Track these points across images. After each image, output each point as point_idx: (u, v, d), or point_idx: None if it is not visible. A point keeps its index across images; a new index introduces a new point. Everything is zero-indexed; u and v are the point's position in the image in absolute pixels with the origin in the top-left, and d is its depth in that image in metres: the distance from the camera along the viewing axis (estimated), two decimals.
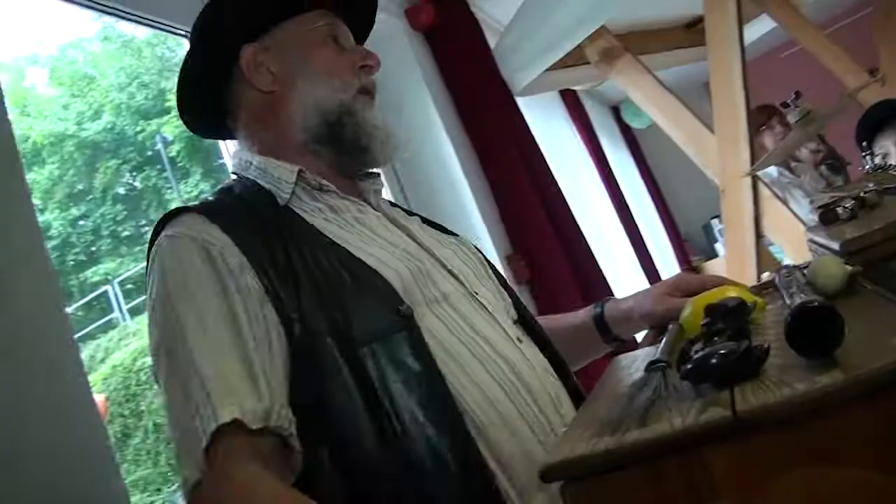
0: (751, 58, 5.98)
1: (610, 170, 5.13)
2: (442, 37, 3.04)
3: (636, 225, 5.04)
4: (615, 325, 1.32)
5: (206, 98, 1.23)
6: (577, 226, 3.20)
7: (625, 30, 3.50)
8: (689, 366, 0.66)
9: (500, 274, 1.30)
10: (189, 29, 1.22)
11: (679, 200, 7.15)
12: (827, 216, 1.17)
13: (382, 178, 1.30)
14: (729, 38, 2.71)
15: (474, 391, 1.00)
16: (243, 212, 1.09)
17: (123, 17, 1.98)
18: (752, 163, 2.79)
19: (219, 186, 1.27)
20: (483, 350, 1.04)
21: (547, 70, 3.35)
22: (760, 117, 3.91)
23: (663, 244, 6.27)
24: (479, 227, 2.95)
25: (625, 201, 5.08)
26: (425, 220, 1.32)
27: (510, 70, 3.30)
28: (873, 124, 2.19)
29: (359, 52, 1.24)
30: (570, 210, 3.19)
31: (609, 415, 0.70)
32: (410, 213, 1.33)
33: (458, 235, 1.32)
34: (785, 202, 2.75)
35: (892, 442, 0.54)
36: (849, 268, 0.84)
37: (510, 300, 1.24)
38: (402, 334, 1.00)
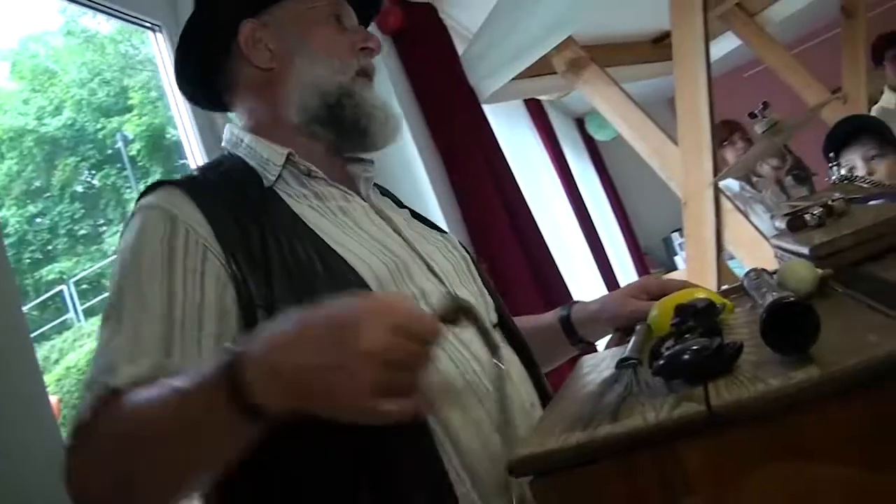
0: (715, 75, 6.08)
1: (573, 180, 5.16)
2: (410, 41, 3.03)
3: (597, 235, 5.07)
4: (581, 327, 1.32)
5: (204, 71, 1.21)
6: (540, 233, 3.21)
7: (592, 42, 3.52)
8: (661, 361, 0.66)
9: (484, 275, 1.28)
10: (155, 21, 1.19)
11: (640, 213, 7.21)
12: (794, 223, 1.18)
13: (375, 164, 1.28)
14: (695, 52, 2.74)
15: (449, 398, 0.98)
16: (225, 191, 1.06)
17: (90, 7, 1.94)
18: (715, 176, 2.81)
19: (208, 161, 1.25)
20: (458, 353, 1.02)
21: (514, 78, 3.35)
22: (723, 132, 3.96)
23: (623, 255, 6.31)
24: None
25: (587, 212, 5.10)
26: (414, 214, 1.30)
27: (477, 77, 3.30)
28: (841, 138, 2.23)
29: (360, 34, 1.22)
30: (532, 217, 3.20)
31: (579, 411, 0.69)
32: (401, 205, 1.32)
33: (445, 232, 1.30)
34: (746, 216, 2.77)
35: (866, 439, 0.54)
36: (819, 271, 0.85)
37: (492, 302, 1.22)
38: None
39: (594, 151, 7.00)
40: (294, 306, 0.92)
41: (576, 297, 3.16)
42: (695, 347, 0.65)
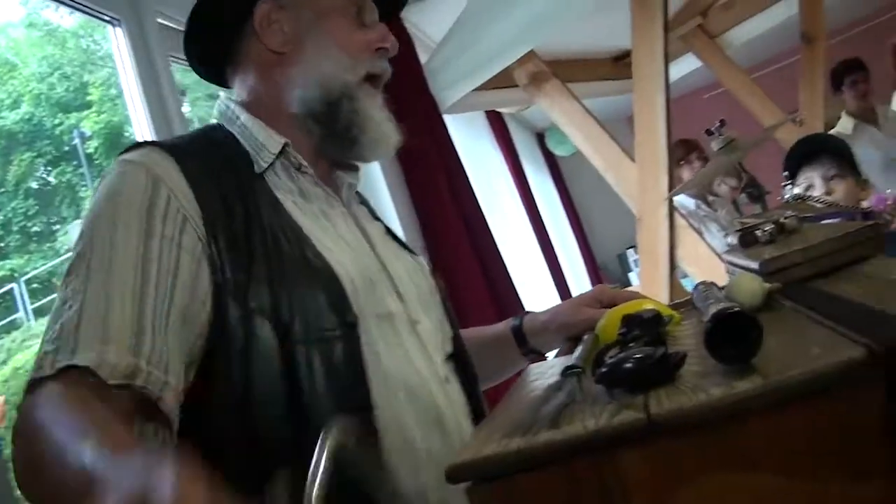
0: (676, 95, 6.16)
1: (531, 194, 5.18)
2: None
3: (554, 250, 5.09)
4: (533, 337, 1.31)
5: (215, 44, 1.16)
6: (496, 246, 3.21)
7: (554, 57, 3.54)
8: (603, 370, 0.65)
9: (447, 303, 1.26)
10: (115, 15, 1.15)
11: (597, 229, 7.26)
12: (746, 239, 1.19)
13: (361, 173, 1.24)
14: (654, 71, 2.77)
15: (393, 425, 0.96)
16: (214, 165, 1.03)
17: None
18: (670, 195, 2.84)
19: (200, 128, 1.20)
20: (413, 384, 1.01)
21: (475, 90, 3.36)
22: (680, 152, 4.01)
23: (580, 270, 6.35)
24: None
25: (544, 226, 5.12)
26: (388, 230, 1.27)
27: (439, 87, 3.30)
28: (801, 156, 2.26)
29: (378, 32, 1.16)
30: (489, 230, 3.20)
31: (520, 418, 0.68)
32: (375, 217, 1.28)
33: (415, 254, 1.27)
34: (700, 233, 2.80)
35: (806, 449, 0.54)
36: (767, 285, 0.85)
37: (451, 332, 1.20)
38: (343, 342, 0.96)
39: (554, 166, 7.04)
40: (268, 300, 0.93)
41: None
42: (637, 356, 0.64)
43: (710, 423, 0.55)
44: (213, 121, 1.17)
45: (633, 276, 6.74)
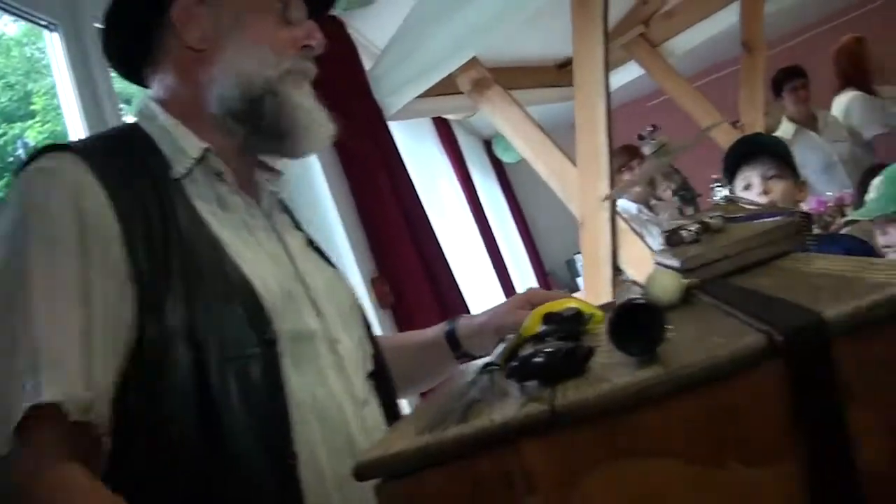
0: (620, 103, 6.25)
1: (479, 201, 5.19)
2: (317, 56, 3.00)
3: (501, 256, 5.10)
4: (466, 340, 1.30)
5: (133, 40, 1.10)
6: (443, 253, 3.21)
7: (497, 64, 3.54)
8: (513, 364, 0.65)
9: (366, 318, 1.23)
10: (53, 20, 1.11)
11: (545, 235, 7.30)
12: (672, 238, 1.20)
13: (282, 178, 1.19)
14: (595, 77, 2.79)
15: (305, 449, 0.93)
16: (131, 169, 0.97)
17: None
18: (612, 199, 2.87)
19: (115, 127, 1.16)
20: (325, 407, 0.98)
21: (419, 97, 3.36)
22: (622, 158, 4.06)
23: (529, 277, 6.38)
24: (344, 248, 2.92)
25: (491, 233, 5.14)
26: (311, 241, 1.23)
27: (383, 94, 3.30)
28: (741, 155, 2.28)
29: (304, 29, 1.12)
30: (435, 237, 3.21)
31: (432, 414, 0.67)
32: (299, 227, 1.24)
33: (336, 268, 1.23)
34: (642, 237, 2.83)
35: (707, 436, 0.54)
36: (683, 281, 0.86)
37: (371, 350, 1.17)
38: (261, 362, 0.92)
39: (502, 173, 7.08)
40: (184, 317, 0.89)
41: None
42: (547, 351, 0.65)
43: (612, 413, 0.55)
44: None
45: (580, 282, 6.79)
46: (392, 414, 1.12)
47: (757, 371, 0.53)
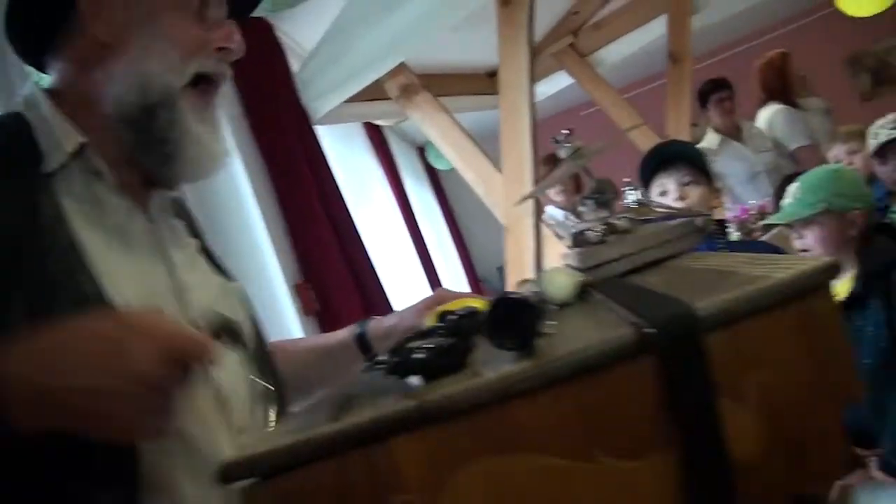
0: (552, 112, 6.30)
1: (410, 208, 5.18)
2: (242, 57, 2.95)
3: (433, 263, 5.09)
4: (377, 343, 1.28)
5: (36, 25, 1.01)
6: (370, 260, 3.19)
7: (426, 70, 3.54)
8: (393, 360, 0.64)
9: (262, 335, 1.14)
10: None
11: (478, 242, 7.31)
12: (578, 239, 1.20)
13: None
14: (520, 85, 2.81)
15: (161, 481, 0.86)
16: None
17: None
18: (538, 204, 2.88)
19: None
20: (192, 435, 0.89)
21: (348, 101, 3.34)
22: (549, 166, 4.08)
23: (461, 283, 6.38)
24: (268, 254, 2.88)
25: (423, 240, 5.13)
26: (205, 249, 1.14)
27: (310, 97, 3.27)
28: (657, 161, 2.31)
29: (222, 30, 1.03)
30: (363, 243, 3.18)
31: (308, 414, 0.66)
32: (195, 233, 1.15)
33: (230, 280, 1.14)
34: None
35: (578, 430, 0.54)
36: (578, 279, 0.86)
37: (262, 367, 1.08)
38: None
39: (435, 180, 7.07)
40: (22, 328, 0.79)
41: None
42: (427, 346, 0.63)
43: (480, 408, 0.54)
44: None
45: None
46: None
47: (628, 364, 0.53)
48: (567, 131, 1.68)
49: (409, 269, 4.77)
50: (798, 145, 4.48)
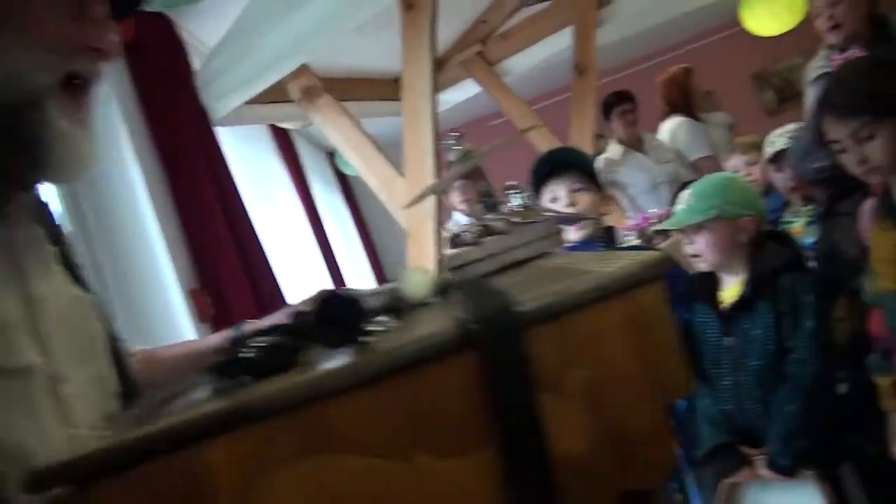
0: (463, 122, 6.31)
1: (317, 213, 5.10)
2: (141, 54, 2.87)
3: (339, 269, 5.04)
4: None
5: None
6: (269, 265, 3.13)
7: (331, 73, 3.50)
8: (222, 361, 0.61)
9: (121, 352, 1.06)
10: None
11: (388, 248, 7.28)
12: (455, 241, 1.20)
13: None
14: (422, 91, 2.81)
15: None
16: None
17: None
18: (439, 209, 2.88)
19: None
20: (43, 456, 0.80)
21: (249, 103, 3.27)
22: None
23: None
24: (162, 258, 2.80)
25: (329, 245, 5.06)
26: (65, 257, 1.05)
27: (211, 98, 3.19)
28: (548, 168, 2.32)
29: (99, 28, 0.95)
30: (262, 248, 3.12)
31: (134, 417, 0.62)
32: (56, 240, 1.05)
33: (89, 292, 1.05)
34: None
35: (396, 428, 0.52)
36: (435, 278, 0.85)
37: (115, 388, 1.00)
38: None
39: (346, 186, 7.01)
40: None
41: None
42: (255, 345, 0.61)
43: (296, 407, 0.51)
44: None
45: None
46: None
47: (450, 361, 0.51)
48: (456, 134, 1.68)
49: (313, 274, 4.70)
50: (699, 156, 4.60)
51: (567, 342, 0.52)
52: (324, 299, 0.56)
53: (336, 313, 0.55)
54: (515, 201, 1.54)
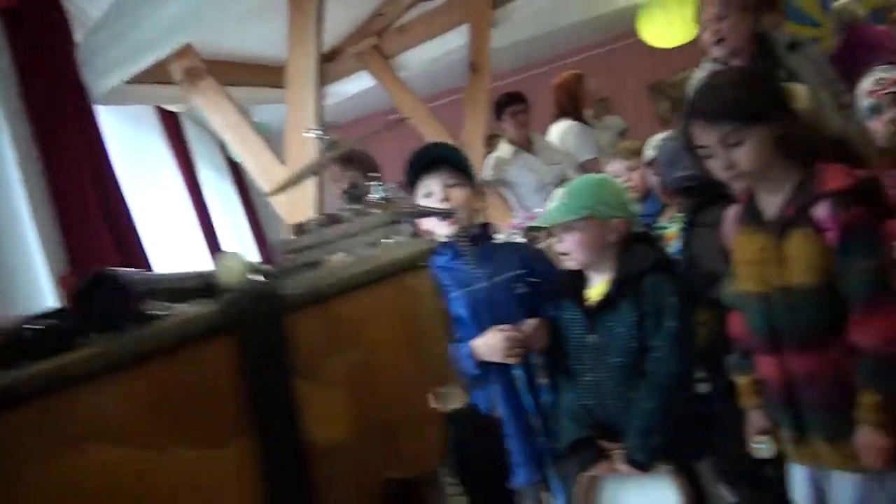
0: (357, 115, 6.25)
1: (202, 197, 4.96)
2: (20, 22, 2.72)
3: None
4: None
5: None
6: (144, 251, 3.03)
7: (217, 56, 3.43)
8: None
9: None
10: None
11: (278, 235, 7.14)
12: (297, 229, 1.20)
13: None
14: (307, 76, 2.77)
15: None
16: None
17: None
18: (321, 199, 2.85)
19: None
20: None
21: (131, 82, 3.16)
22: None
23: None
24: (31, 240, 2.67)
25: (213, 230, 4.93)
26: None
27: (91, 75, 3.06)
28: (422, 164, 2.31)
29: None
30: (138, 234, 3.02)
31: None
32: None
33: None
34: None
35: (151, 417, 0.51)
36: (247, 264, 0.84)
37: None
38: None
39: (238, 174, 6.84)
40: None
41: None
42: (34, 327, 0.58)
43: (44, 395, 0.49)
44: None
45: None
46: None
47: (207, 346, 0.51)
48: (325, 125, 1.68)
49: (194, 261, 4.58)
50: (586, 158, 4.69)
51: (332, 328, 0.52)
52: (92, 282, 0.54)
53: (103, 296, 0.54)
54: (377, 194, 1.55)
